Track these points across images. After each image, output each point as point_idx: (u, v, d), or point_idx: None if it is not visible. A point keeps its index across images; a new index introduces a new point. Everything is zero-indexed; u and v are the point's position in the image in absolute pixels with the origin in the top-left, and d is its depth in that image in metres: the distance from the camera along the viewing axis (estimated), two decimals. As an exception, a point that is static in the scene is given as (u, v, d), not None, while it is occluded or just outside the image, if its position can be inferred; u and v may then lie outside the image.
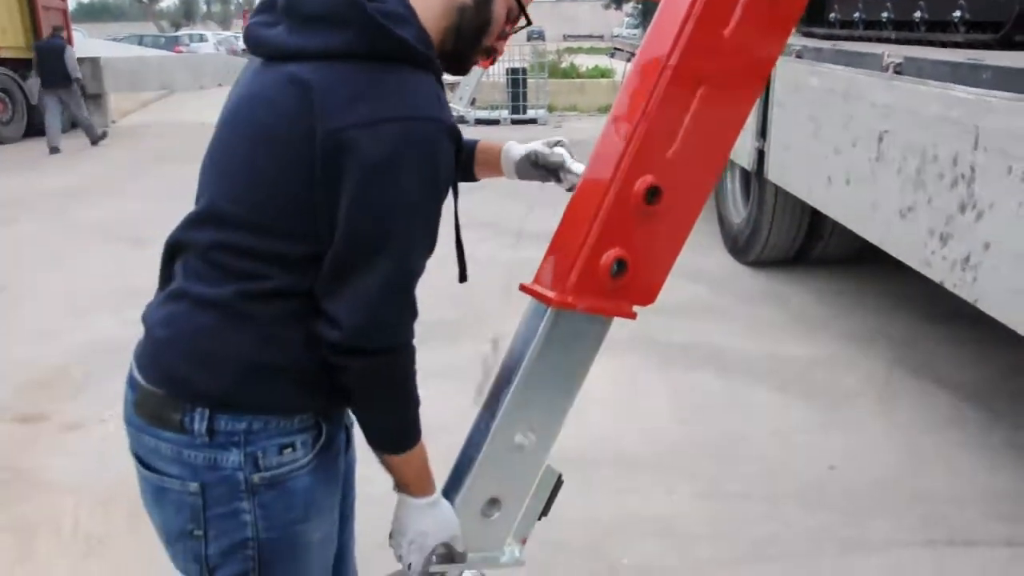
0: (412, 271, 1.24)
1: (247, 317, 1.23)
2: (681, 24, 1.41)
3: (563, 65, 17.32)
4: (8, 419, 3.61)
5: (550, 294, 1.42)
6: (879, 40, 4.83)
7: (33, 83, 12.75)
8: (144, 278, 5.53)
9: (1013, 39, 3.65)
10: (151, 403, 1.29)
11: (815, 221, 5.11)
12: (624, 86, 1.51)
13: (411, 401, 1.30)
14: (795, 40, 5.13)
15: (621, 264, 1.43)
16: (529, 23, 1.47)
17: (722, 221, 6.01)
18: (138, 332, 1.28)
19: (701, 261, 5.66)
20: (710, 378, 3.84)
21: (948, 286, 2.93)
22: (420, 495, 1.37)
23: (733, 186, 5.89)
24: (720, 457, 3.16)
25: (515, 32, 1.46)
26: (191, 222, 1.33)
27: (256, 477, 1.26)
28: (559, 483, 1.55)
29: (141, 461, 1.33)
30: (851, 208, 3.72)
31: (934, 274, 3.01)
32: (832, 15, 5.53)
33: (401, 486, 1.37)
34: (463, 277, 1.54)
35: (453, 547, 1.41)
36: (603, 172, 1.42)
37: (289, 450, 1.28)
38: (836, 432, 3.34)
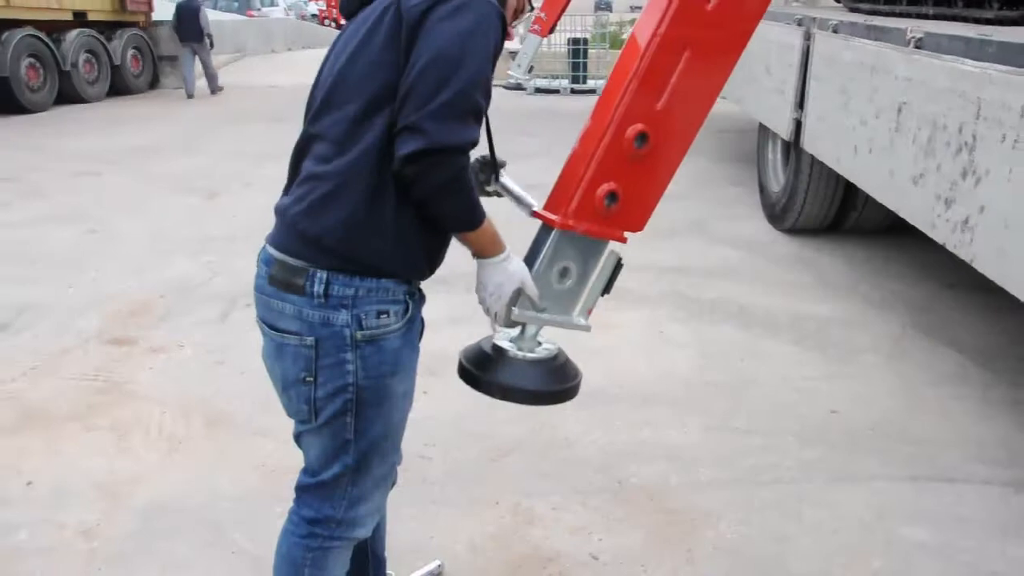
0: (476, 97, 1.54)
1: (356, 182, 1.60)
2: (670, -1, 1.72)
3: (623, 37, 17.38)
4: (105, 341, 4.08)
5: (554, 218, 1.76)
6: (919, 16, 4.98)
7: (117, 44, 13.41)
8: (215, 226, 6.16)
9: (1036, 17, 3.82)
10: (281, 272, 1.66)
11: (849, 191, 5.31)
12: (625, 47, 1.83)
13: (471, 188, 1.62)
14: (836, 14, 5.31)
15: (613, 196, 1.76)
16: (533, 8, 1.86)
17: (762, 189, 6.23)
18: (211, 273, 1.59)
19: (740, 227, 5.91)
20: (732, 330, 4.13)
21: (950, 247, 3.17)
22: (493, 255, 1.71)
23: (774, 156, 6.10)
24: (731, 397, 3.46)
25: (521, 19, 1.86)
26: (310, 123, 1.71)
27: (359, 334, 1.64)
28: (619, 266, 1.85)
29: (267, 324, 1.71)
30: (873, 176, 3.95)
31: (938, 236, 3.25)
32: (878, -9, 5.68)
33: (477, 253, 1.73)
34: (494, 163, 1.93)
35: (528, 293, 1.75)
36: (602, 118, 1.75)
37: (385, 316, 1.66)
38: (843, 381, 3.61)
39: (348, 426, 1.70)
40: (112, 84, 13.48)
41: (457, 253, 1.80)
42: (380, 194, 1.61)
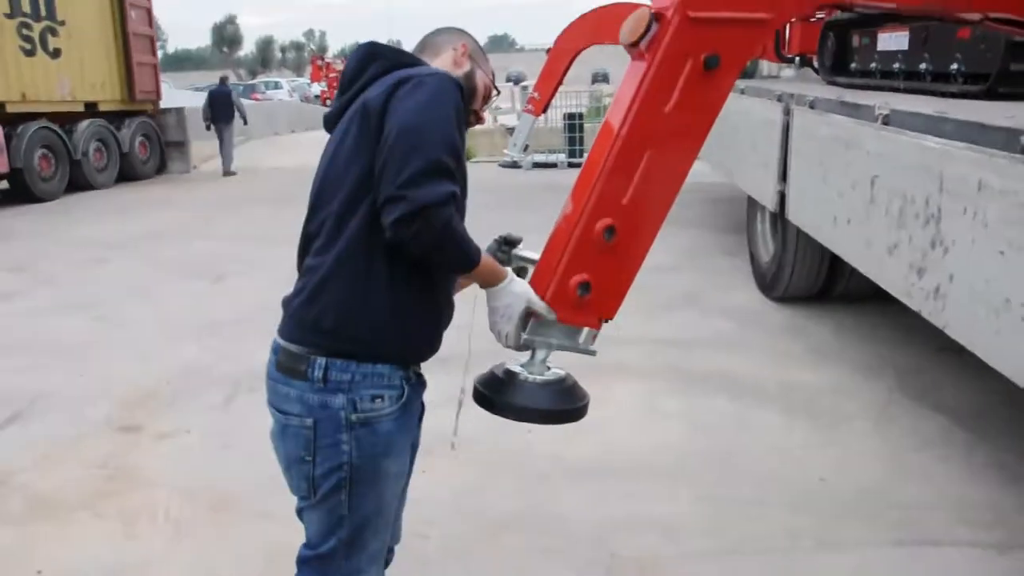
0: (444, 160, 1.67)
1: (346, 268, 1.76)
2: (631, 102, 1.89)
3: (620, 109, 17.82)
4: (113, 428, 4.19)
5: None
6: (891, 89, 5.20)
7: (126, 132, 13.81)
8: (221, 311, 6.30)
9: (997, 91, 4.01)
10: (287, 359, 1.83)
11: (836, 260, 5.45)
12: (593, 147, 1.99)
13: (462, 234, 1.73)
14: (814, 90, 5.54)
15: (586, 286, 1.89)
16: (499, 93, 2.08)
17: (753, 259, 6.39)
18: (217, 358, 1.71)
19: (732, 297, 6.05)
20: (723, 401, 4.23)
21: (924, 315, 3.29)
22: (497, 283, 1.86)
23: (763, 227, 6.28)
24: (721, 467, 3.54)
25: (489, 104, 2.06)
26: (305, 223, 1.89)
27: (354, 416, 1.78)
28: None
29: (275, 407, 1.87)
30: (852, 246, 4.09)
31: (913, 304, 3.38)
32: (853, 65, 5.92)
33: (481, 285, 1.87)
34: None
35: (537, 310, 1.88)
36: (573, 213, 1.90)
37: (379, 400, 1.80)
38: (831, 448, 3.69)
39: (343, 503, 1.83)
40: (121, 170, 13.86)
41: (452, 334, 1.93)
42: (371, 277, 1.77)
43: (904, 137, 3.51)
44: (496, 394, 1.93)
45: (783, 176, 5.24)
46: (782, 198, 5.26)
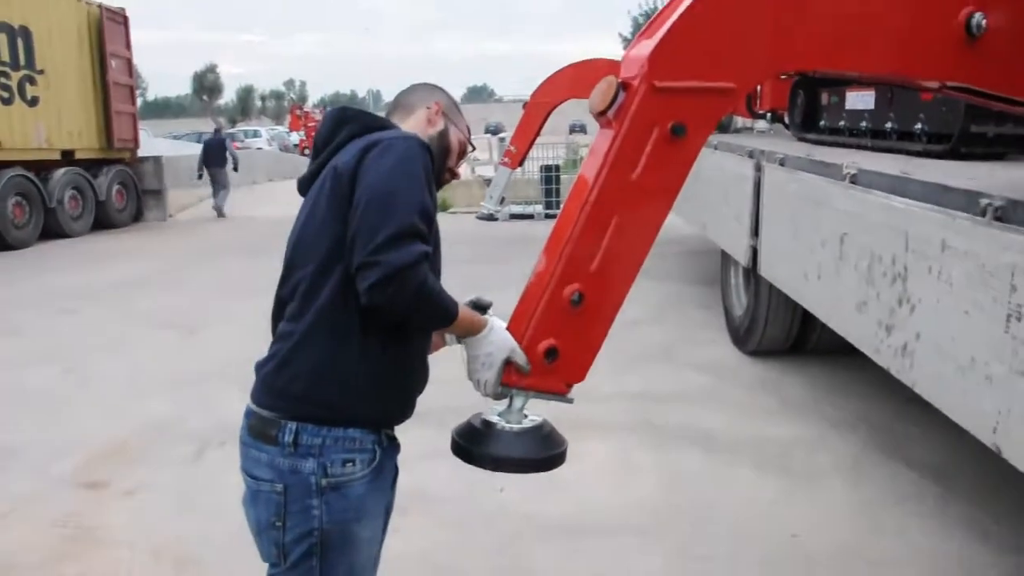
0: (415, 222, 1.69)
1: (319, 334, 1.77)
2: (598, 170, 1.92)
3: (596, 161, 18.02)
4: (78, 484, 4.11)
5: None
6: (859, 147, 5.31)
7: (103, 180, 13.75)
8: (192, 363, 6.22)
9: (959, 151, 4.11)
10: (259, 424, 1.82)
11: (808, 313, 5.50)
12: (561, 213, 2.01)
13: (438, 291, 1.74)
14: (785, 146, 5.64)
15: (553, 352, 1.90)
16: (474, 148, 2.12)
17: (727, 313, 6.44)
18: (186, 412, 1.70)
19: (706, 351, 6.08)
20: (697, 456, 4.22)
21: (893, 372, 3.32)
22: (476, 332, 1.85)
23: (736, 280, 6.34)
24: (694, 524, 3.53)
25: (464, 159, 2.10)
26: (279, 287, 1.90)
27: (324, 481, 1.77)
28: None
29: (246, 472, 1.85)
30: (822, 301, 4.14)
31: (882, 361, 3.41)
32: (822, 122, 6.05)
33: (462, 336, 1.87)
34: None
35: (516, 361, 1.87)
36: (541, 279, 1.91)
37: (351, 464, 1.79)
38: (804, 504, 3.69)
39: (314, 569, 1.80)
40: (96, 218, 13.80)
41: (430, 388, 1.94)
42: (344, 343, 1.76)
43: (871, 196, 3.58)
44: (473, 445, 1.93)
45: (755, 231, 5.31)
46: (754, 253, 5.32)
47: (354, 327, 1.76)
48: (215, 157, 15.71)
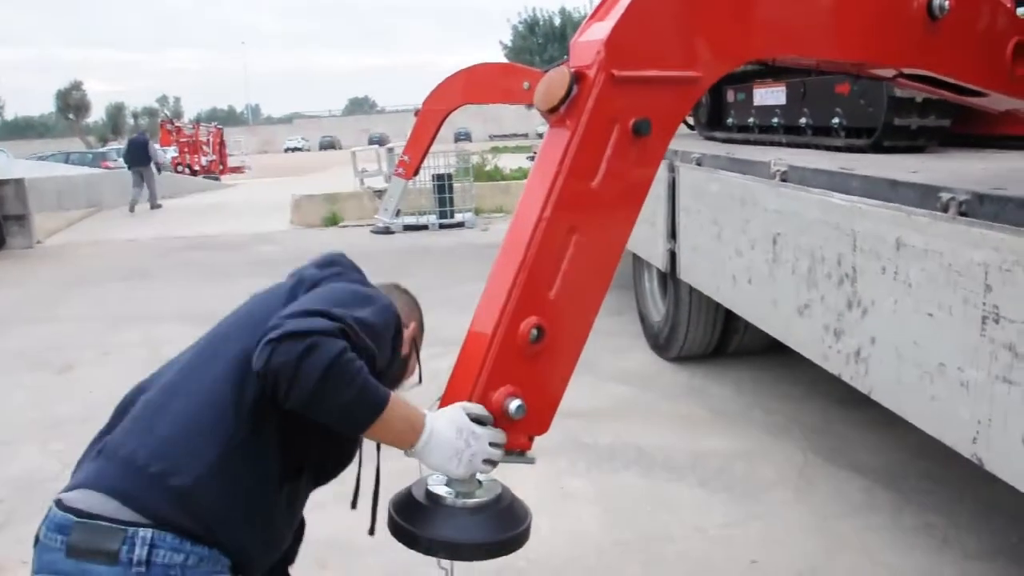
0: (352, 324, 1.43)
1: (212, 427, 1.43)
2: (552, 179, 1.59)
3: (488, 168, 17.79)
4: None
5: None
6: (772, 144, 5.17)
7: None
8: (67, 405, 5.51)
9: (883, 144, 3.98)
10: (86, 537, 1.35)
11: (730, 316, 5.34)
12: (508, 232, 1.67)
13: (358, 370, 1.37)
14: (696, 145, 5.47)
15: (516, 402, 1.55)
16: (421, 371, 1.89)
17: (643, 319, 6.22)
18: (62, 466, 1.31)
19: (626, 360, 5.84)
20: (634, 478, 3.95)
21: (845, 379, 3.12)
22: (420, 436, 1.45)
23: (651, 285, 6.13)
24: (646, 559, 3.24)
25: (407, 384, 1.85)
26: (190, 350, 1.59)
27: None
28: None
29: None
30: (755, 306, 3.94)
31: (832, 367, 3.21)
32: (729, 120, 5.91)
33: (404, 445, 1.46)
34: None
35: (482, 418, 1.52)
36: (490, 316, 1.56)
37: None
38: (756, 524, 3.46)
39: None
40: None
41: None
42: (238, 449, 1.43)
43: (806, 194, 3.38)
44: (419, 526, 1.54)
45: (672, 234, 5.10)
46: (672, 257, 5.12)
47: (248, 436, 1.47)
48: (137, 156, 17.63)
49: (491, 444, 1.52)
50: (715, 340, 5.51)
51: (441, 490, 1.57)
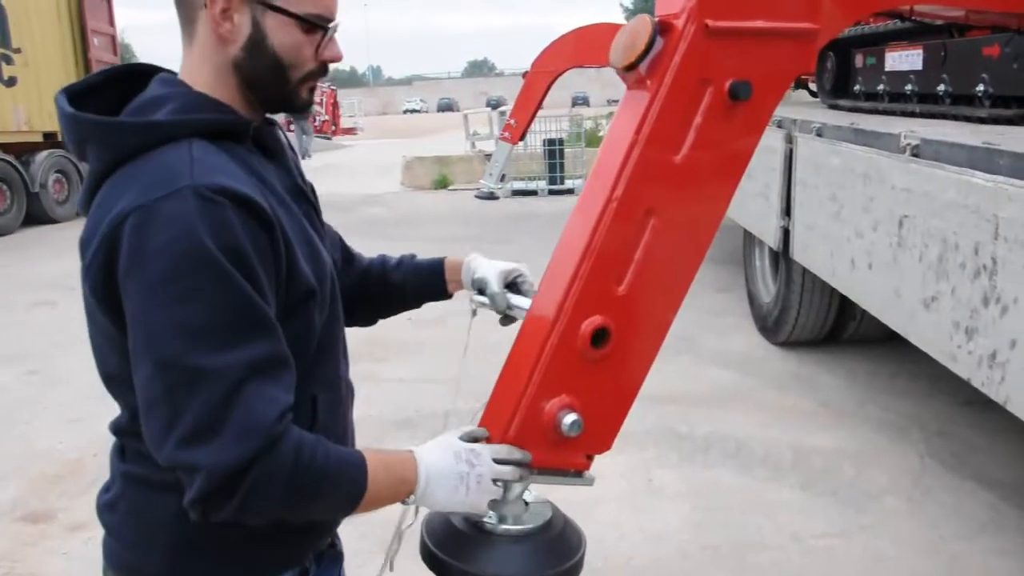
0: (241, 370, 1.03)
1: (161, 488, 1.18)
2: (627, 150, 1.33)
3: (601, 133, 17.38)
4: (17, 517, 3.57)
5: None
6: (903, 114, 4.70)
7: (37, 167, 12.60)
8: None
9: (1037, 116, 3.51)
10: None
11: (846, 300, 4.92)
12: (572, 214, 1.43)
13: (323, 458, 1.09)
14: (818, 114, 5.03)
15: (571, 416, 1.32)
16: (333, 26, 1.21)
17: (752, 299, 5.85)
18: None
19: (731, 341, 5.50)
20: (729, 475, 3.66)
21: (976, 384, 2.75)
22: (416, 482, 1.19)
23: (762, 264, 5.75)
24: (733, 568, 2.97)
25: (328, 40, 1.21)
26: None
27: None
28: None
29: None
30: (874, 294, 3.56)
31: (960, 370, 2.84)
32: (856, 87, 5.42)
33: (402, 498, 1.20)
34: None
35: (477, 437, 1.28)
36: (546, 314, 1.33)
37: None
38: (861, 537, 3.13)
39: None
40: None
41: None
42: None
43: (941, 172, 2.98)
44: (458, 558, 1.30)
45: (787, 211, 4.71)
46: (786, 235, 4.74)
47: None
48: None
49: (496, 460, 1.24)
50: (828, 325, 5.10)
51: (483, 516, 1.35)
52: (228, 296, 1.04)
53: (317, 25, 1.18)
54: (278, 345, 1.08)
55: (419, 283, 1.61)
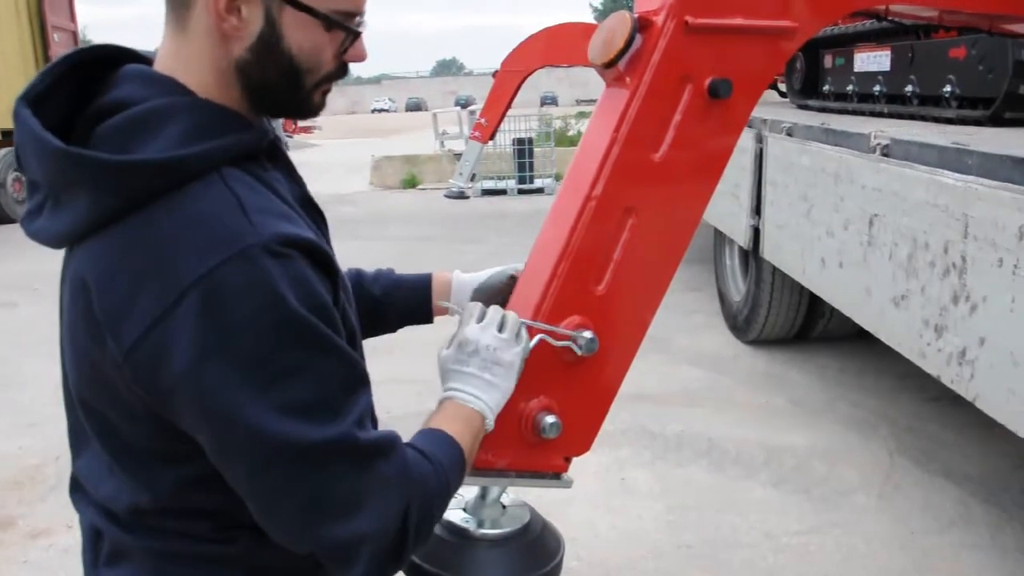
0: (352, 435, 0.95)
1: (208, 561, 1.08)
2: (606, 149, 1.32)
3: (570, 133, 17.40)
4: (-26, 525, 3.48)
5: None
6: (872, 114, 4.74)
7: None
8: None
9: (1003, 116, 3.54)
10: None
11: (815, 299, 4.95)
12: (550, 213, 1.41)
13: (434, 514, 1.06)
14: (788, 114, 5.06)
15: (549, 417, 1.30)
16: (361, 28, 1.05)
17: (722, 298, 5.87)
18: None
19: (702, 340, 5.52)
20: (702, 473, 3.66)
21: (945, 381, 2.77)
22: (486, 417, 1.17)
23: (732, 262, 5.77)
24: (711, 567, 2.97)
25: (355, 30, 1.03)
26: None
27: None
28: None
29: None
30: (845, 293, 3.58)
31: (929, 367, 2.86)
32: (826, 87, 5.46)
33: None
34: None
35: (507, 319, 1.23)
36: (523, 314, 1.30)
37: None
38: (833, 533, 3.14)
39: None
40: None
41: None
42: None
43: (911, 171, 3.00)
44: (436, 564, 1.29)
45: (757, 210, 4.73)
46: (756, 234, 4.76)
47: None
48: None
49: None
50: (798, 324, 5.13)
51: (455, 516, 1.33)
52: (332, 361, 0.94)
53: (343, 24, 1.01)
54: (370, 386, 1.03)
55: (403, 302, 1.47)
